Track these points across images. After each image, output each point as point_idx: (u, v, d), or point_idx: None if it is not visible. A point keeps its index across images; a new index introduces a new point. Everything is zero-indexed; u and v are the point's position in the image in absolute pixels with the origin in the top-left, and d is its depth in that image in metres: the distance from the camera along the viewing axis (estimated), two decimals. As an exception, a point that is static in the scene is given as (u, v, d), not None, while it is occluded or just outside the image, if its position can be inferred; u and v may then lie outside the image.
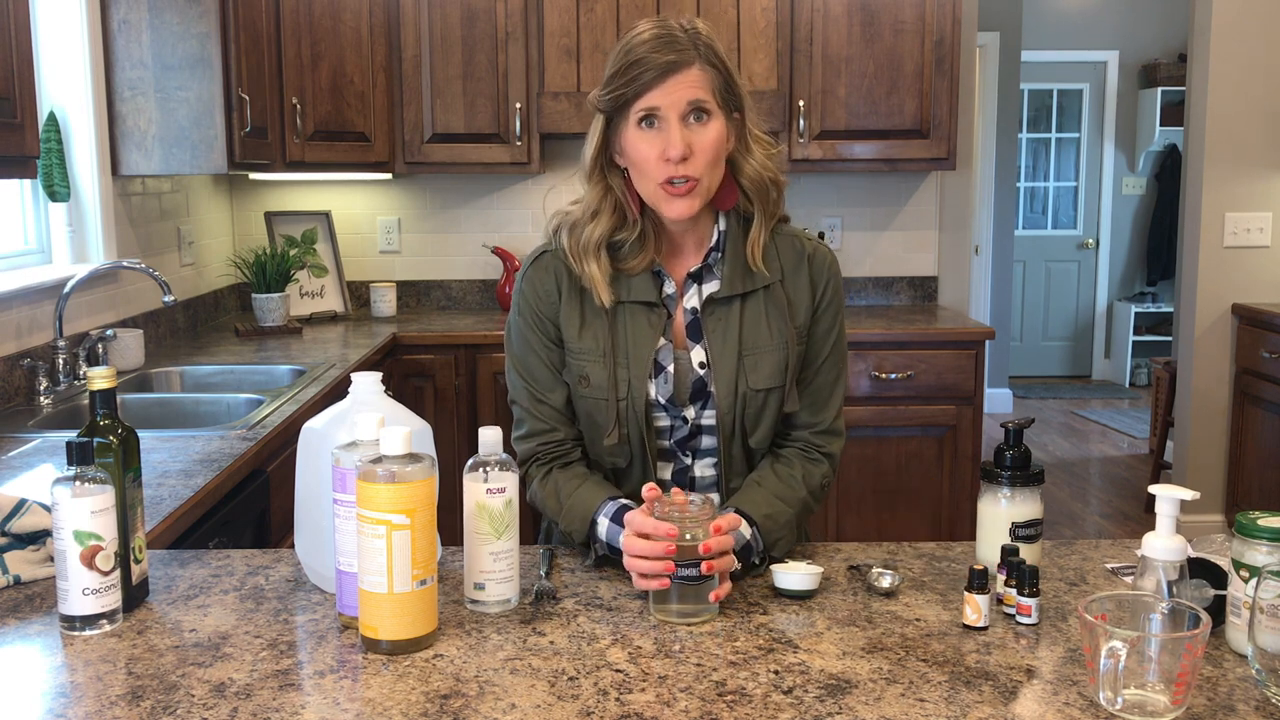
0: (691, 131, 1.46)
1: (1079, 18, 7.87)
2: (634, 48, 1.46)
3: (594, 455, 1.62)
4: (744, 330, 1.56)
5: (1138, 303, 8.06)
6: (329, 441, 1.29)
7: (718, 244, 1.58)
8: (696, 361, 1.57)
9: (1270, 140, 4.32)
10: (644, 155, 1.47)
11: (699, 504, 1.30)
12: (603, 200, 1.54)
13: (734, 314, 1.56)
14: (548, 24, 3.82)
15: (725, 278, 1.56)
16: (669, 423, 1.58)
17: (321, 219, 4.24)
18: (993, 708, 1.06)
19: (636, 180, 1.52)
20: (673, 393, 1.56)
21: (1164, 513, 1.17)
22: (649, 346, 1.55)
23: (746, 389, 1.55)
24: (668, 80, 1.45)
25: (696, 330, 1.57)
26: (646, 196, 1.51)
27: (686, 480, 1.60)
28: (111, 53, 3.05)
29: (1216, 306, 4.41)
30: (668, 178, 1.47)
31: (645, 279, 1.56)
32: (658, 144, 1.46)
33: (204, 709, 1.06)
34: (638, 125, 1.47)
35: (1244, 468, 4.35)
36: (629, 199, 1.54)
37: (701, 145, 1.47)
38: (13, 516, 1.42)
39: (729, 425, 1.56)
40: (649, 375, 1.55)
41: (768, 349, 1.56)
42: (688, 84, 1.46)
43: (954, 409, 3.69)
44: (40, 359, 2.59)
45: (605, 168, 1.55)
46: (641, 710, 1.05)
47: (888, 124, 3.90)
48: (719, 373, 1.55)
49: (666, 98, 1.45)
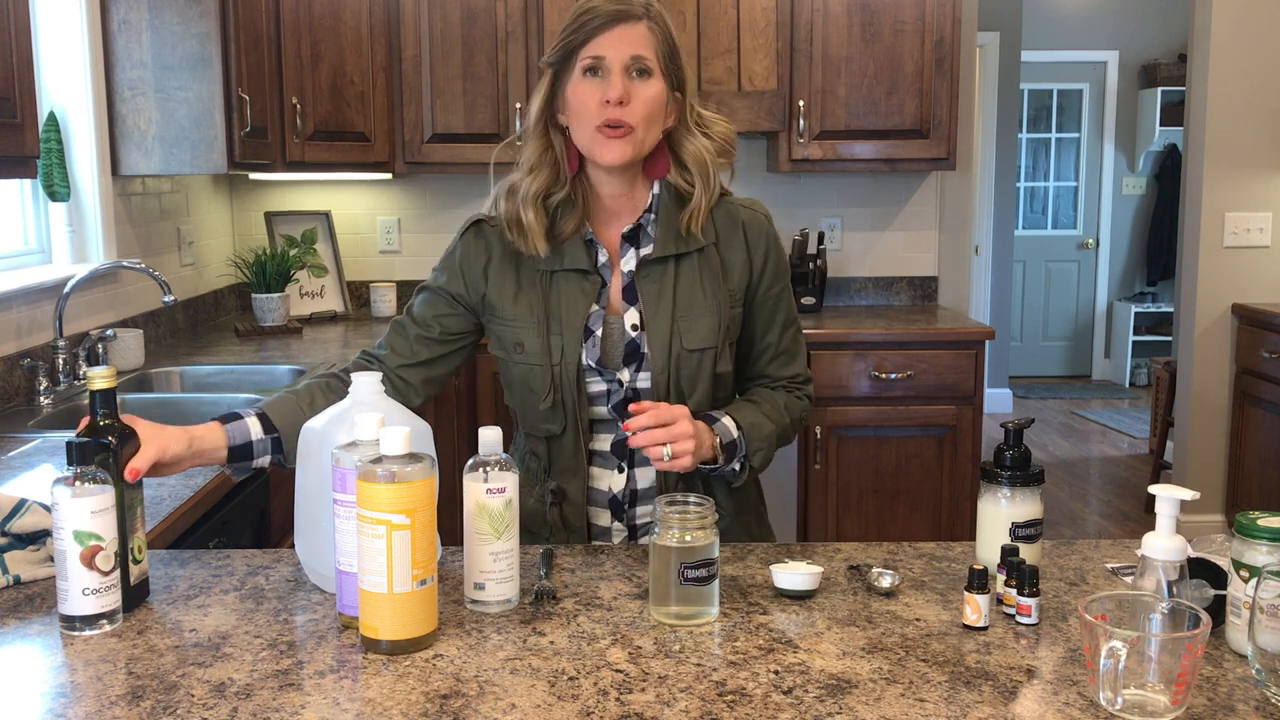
0: (633, 83, 1.52)
1: (1079, 18, 7.87)
2: (587, 2, 1.53)
3: (529, 425, 1.65)
4: (678, 292, 1.59)
5: (1138, 303, 8.07)
6: (329, 441, 1.29)
7: (651, 206, 1.61)
8: (630, 324, 1.60)
9: (1270, 140, 4.32)
10: (584, 101, 1.52)
11: (700, 505, 1.30)
12: (543, 156, 1.60)
13: (668, 276, 1.60)
14: (548, 24, 3.81)
15: (659, 240, 1.60)
16: (604, 388, 1.60)
17: (321, 219, 4.24)
18: (993, 708, 1.06)
19: (575, 130, 1.56)
20: (600, 355, 1.59)
21: (1164, 513, 1.17)
22: (581, 313, 1.59)
23: (680, 350, 1.58)
24: (615, 29, 1.51)
25: (631, 292, 1.61)
26: (583, 145, 1.56)
27: (625, 451, 1.63)
28: (111, 53, 3.05)
29: (1216, 306, 4.41)
30: (605, 120, 1.51)
31: (578, 247, 1.60)
32: (599, 91, 1.51)
33: (204, 709, 1.06)
34: (582, 75, 1.53)
35: (1244, 468, 4.35)
36: (567, 156, 1.58)
37: (641, 97, 1.52)
38: (13, 516, 1.42)
39: (663, 386, 1.58)
40: (580, 341, 1.58)
41: (702, 311, 1.60)
42: (633, 38, 1.52)
43: (954, 409, 3.69)
44: (40, 359, 2.59)
45: (549, 124, 1.59)
46: (641, 710, 1.05)
47: (888, 124, 3.90)
48: (652, 334, 1.58)
49: (612, 49, 1.51)
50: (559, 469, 1.64)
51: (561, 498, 1.64)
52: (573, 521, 1.65)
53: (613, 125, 1.51)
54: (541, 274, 1.60)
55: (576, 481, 1.63)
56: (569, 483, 1.63)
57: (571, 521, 1.65)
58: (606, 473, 1.64)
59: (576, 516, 1.64)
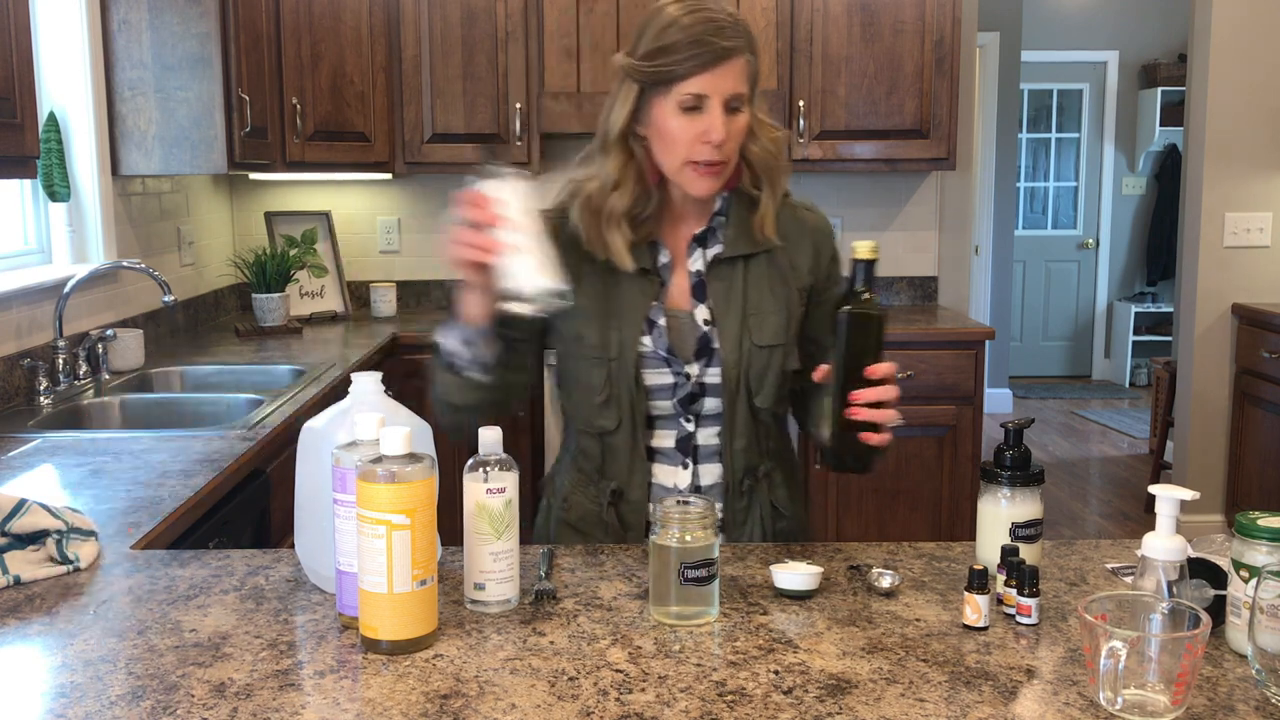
0: (728, 119, 1.50)
1: (1079, 18, 7.87)
2: (688, 26, 1.48)
3: (582, 423, 1.64)
4: (748, 290, 1.61)
5: (1138, 303, 8.07)
6: (329, 441, 1.29)
7: (722, 209, 1.62)
8: (701, 318, 1.60)
9: (1270, 140, 4.32)
10: (678, 135, 1.50)
11: (700, 505, 1.29)
12: (625, 169, 1.56)
13: (738, 275, 1.61)
14: (548, 24, 3.82)
15: (729, 240, 1.61)
16: (670, 380, 1.60)
17: (321, 219, 4.24)
18: (993, 708, 1.06)
19: (661, 155, 1.54)
20: (669, 344, 1.58)
21: (1164, 513, 1.17)
22: (641, 309, 1.59)
23: (751, 345, 1.59)
24: (718, 67, 1.48)
25: (701, 290, 1.61)
26: (670, 170, 1.54)
27: (690, 448, 1.62)
28: (111, 53, 3.05)
29: (1216, 306, 4.41)
30: (703, 159, 1.50)
31: (641, 250, 1.60)
32: (698, 125, 1.49)
33: (204, 709, 1.06)
34: (679, 105, 1.49)
35: (1244, 468, 4.35)
36: (649, 170, 1.56)
37: (735, 131, 1.52)
38: (13, 516, 1.42)
39: (734, 380, 1.58)
40: (640, 333, 1.58)
41: (770, 310, 1.61)
42: (734, 74, 1.50)
43: (954, 409, 3.69)
44: (40, 359, 2.59)
45: (630, 137, 1.56)
46: (641, 710, 1.05)
47: (888, 124, 3.90)
48: (724, 328, 1.59)
49: (714, 85, 1.48)
50: (614, 468, 1.62)
51: (619, 498, 1.63)
52: (631, 521, 1.63)
53: (710, 164, 1.51)
54: (601, 269, 1.59)
55: (636, 480, 1.62)
56: (627, 481, 1.62)
57: (629, 521, 1.63)
58: (670, 469, 1.63)
59: (635, 516, 1.63)
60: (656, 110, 1.52)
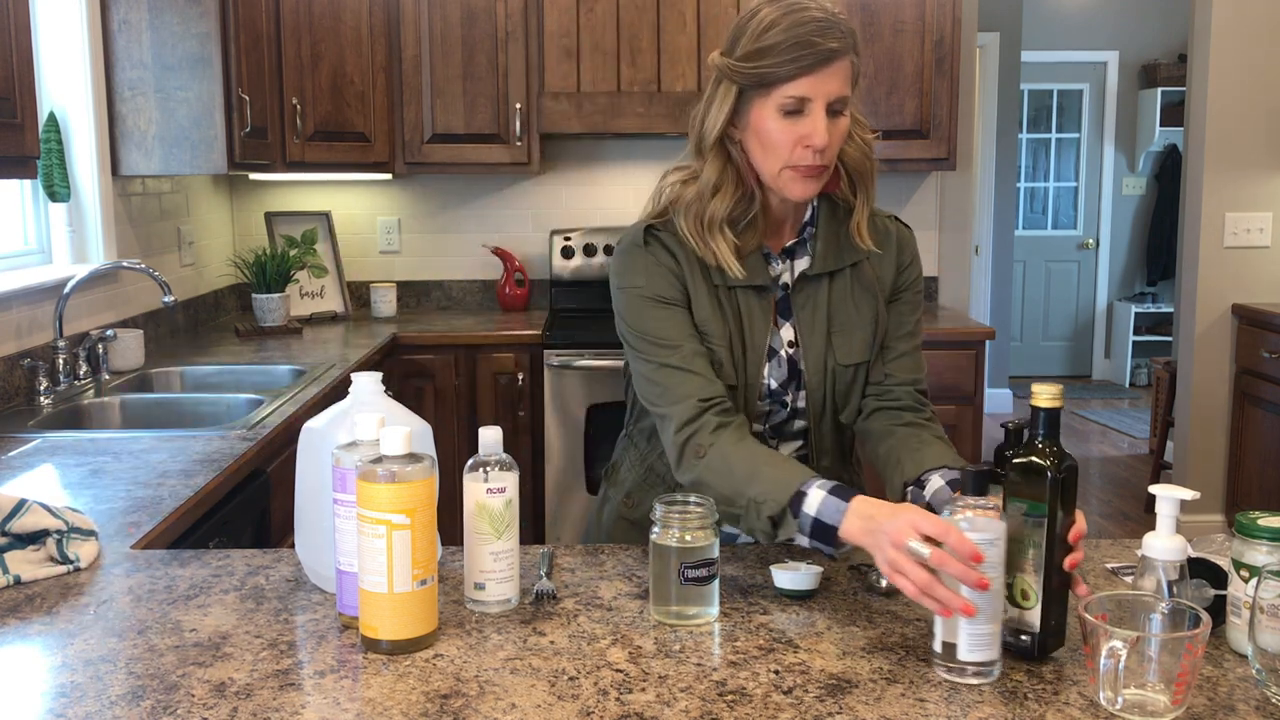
0: (830, 122, 1.45)
1: (1079, 18, 7.87)
2: (790, 27, 1.41)
3: None
4: (832, 307, 1.58)
5: (1138, 303, 8.07)
6: (329, 441, 1.29)
7: (811, 219, 1.58)
8: (786, 339, 1.57)
9: (1270, 140, 4.32)
10: (779, 139, 1.45)
11: (700, 505, 1.29)
12: (723, 173, 1.51)
13: (822, 291, 1.58)
14: (548, 24, 3.82)
15: (818, 254, 1.57)
16: (769, 408, 1.58)
17: (321, 219, 4.24)
18: (993, 708, 1.06)
19: (760, 159, 1.49)
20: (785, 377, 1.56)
21: (1164, 513, 1.17)
22: (763, 333, 1.55)
23: (835, 365, 1.57)
24: (824, 69, 1.42)
25: (786, 307, 1.58)
26: (768, 174, 1.49)
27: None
28: (111, 53, 3.05)
29: (1216, 306, 4.41)
30: (805, 164, 1.45)
31: (756, 260, 1.55)
32: (800, 129, 1.44)
33: (204, 709, 1.06)
34: (780, 108, 1.44)
35: (1244, 468, 4.35)
36: (748, 171, 1.51)
37: (836, 134, 1.46)
38: (13, 516, 1.42)
39: (819, 403, 1.57)
40: (763, 363, 1.55)
41: (856, 325, 1.58)
42: (839, 76, 1.44)
43: (954, 409, 3.69)
44: (40, 359, 2.59)
45: (726, 140, 1.51)
46: (641, 710, 1.05)
47: (888, 124, 3.90)
48: (808, 351, 1.57)
49: (818, 88, 1.43)
50: None
51: None
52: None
53: (810, 167, 1.46)
54: (721, 287, 1.54)
55: None
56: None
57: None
58: None
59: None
60: (755, 113, 1.46)
